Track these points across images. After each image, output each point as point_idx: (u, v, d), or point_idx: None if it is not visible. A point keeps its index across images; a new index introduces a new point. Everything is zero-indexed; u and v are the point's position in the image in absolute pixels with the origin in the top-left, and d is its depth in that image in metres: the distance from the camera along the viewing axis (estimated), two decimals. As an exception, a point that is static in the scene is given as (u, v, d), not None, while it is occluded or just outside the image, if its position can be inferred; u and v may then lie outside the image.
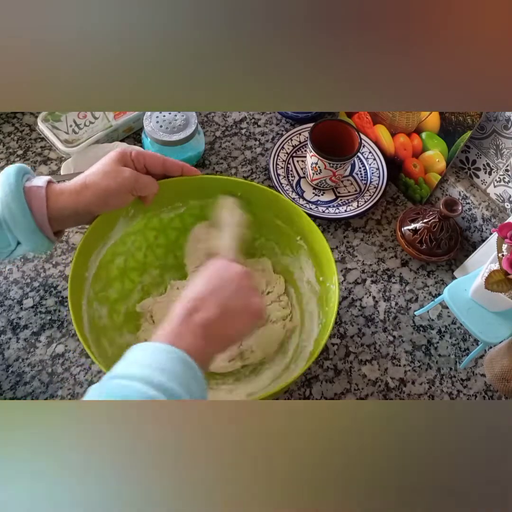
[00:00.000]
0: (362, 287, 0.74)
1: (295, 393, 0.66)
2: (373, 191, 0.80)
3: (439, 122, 0.72)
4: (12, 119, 0.86)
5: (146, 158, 0.59)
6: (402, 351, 0.70)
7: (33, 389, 0.63)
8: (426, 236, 0.73)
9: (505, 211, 0.73)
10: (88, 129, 0.80)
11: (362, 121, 0.85)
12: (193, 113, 0.77)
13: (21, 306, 0.69)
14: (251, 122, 0.89)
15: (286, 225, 0.65)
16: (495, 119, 0.68)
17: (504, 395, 0.67)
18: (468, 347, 0.70)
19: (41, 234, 0.54)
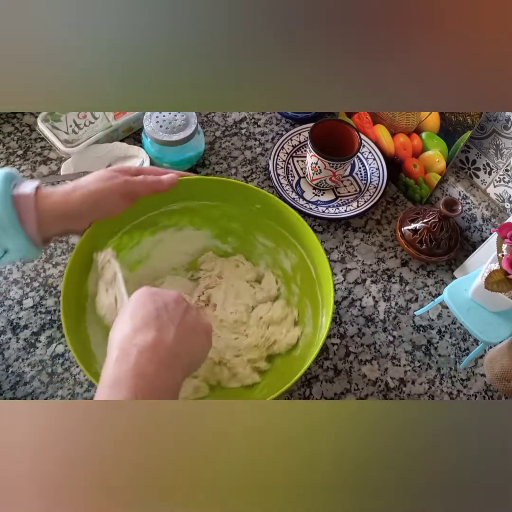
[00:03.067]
0: (362, 287, 0.74)
1: (295, 393, 0.66)
2: (373, 191, 0.80)
3: (439, 122, 0.72)
4: (12, 119, 0.86)
5: (144, 172, 0.59)
6: (402, 351, 0.70)
7: (33, 389, 0.63)
8: (426, 236, 0.73)
9: (505, 211, 0.73)
10: (88, 129, 0.80)
11: (362, 121, 0.85)
12: (193, 113, 0.77)
13: (21, 306, 0.69)
14: (251, 122, 0.89)
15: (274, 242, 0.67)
16: (495, 119, 0.68)
17: (504, 395, 0.67)
18: (468, 347, 0.70)
19: (30, 243, 0.53)
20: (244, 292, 0.68)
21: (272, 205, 0.63)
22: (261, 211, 0.65)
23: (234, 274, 0.69)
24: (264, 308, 0.66)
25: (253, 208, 0.65)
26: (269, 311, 0.66)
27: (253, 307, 0.67)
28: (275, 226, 0.65)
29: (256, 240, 0.69)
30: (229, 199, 0.65)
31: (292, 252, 0.66)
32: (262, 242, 0.69)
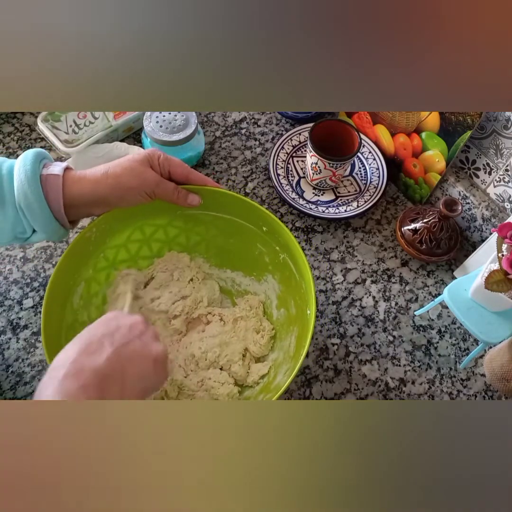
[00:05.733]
0: (362, 287, 0.74)
1: (295, 393, 0.66)
2: (373, 191, 0.80)
3: (439, 122, 0.72)
4: (12, 119, 0.86)
5: (172, 166, 0.58)
6: (402, 351, 0.70)
7: (33, 389, 0.63)
8: (426, 236, 0.73)
9: (505, 211, 0.73)
10: (88, 129, 0.80)
11: (362, 121, 0.85)
12: (193, 113, 0.77)
13: (21, 306, 0.69)
14: (251, 122, 0.89)
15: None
16: (495, 119, 0.68)
17: (504, 395, 0.67)
18: (468, 347, 0.70)
19: (57, 223, 0.53)
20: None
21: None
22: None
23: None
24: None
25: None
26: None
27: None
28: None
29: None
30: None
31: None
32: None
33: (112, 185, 0.54)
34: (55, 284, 0.55)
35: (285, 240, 0.61)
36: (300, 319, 0.61)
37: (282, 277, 0.66)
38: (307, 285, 0.58)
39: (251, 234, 0.65)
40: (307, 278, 0.57)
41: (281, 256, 0.64)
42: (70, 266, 0.58)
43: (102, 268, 0.64)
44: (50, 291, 0.55)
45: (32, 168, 0.51)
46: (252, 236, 0.65)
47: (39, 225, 0.53)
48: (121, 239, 0.64)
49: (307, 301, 0.58)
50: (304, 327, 0.58)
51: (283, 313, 0.66)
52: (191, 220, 0.67)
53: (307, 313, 0.57)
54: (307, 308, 0.58)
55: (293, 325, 0.63)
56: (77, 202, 0.54)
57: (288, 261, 0.63)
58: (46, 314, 0.54)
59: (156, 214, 0.64)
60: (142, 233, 0.66)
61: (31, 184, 0.51)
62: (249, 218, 0.64)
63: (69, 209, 0.54)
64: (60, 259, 0.56)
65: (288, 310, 0.65)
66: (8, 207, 0.52)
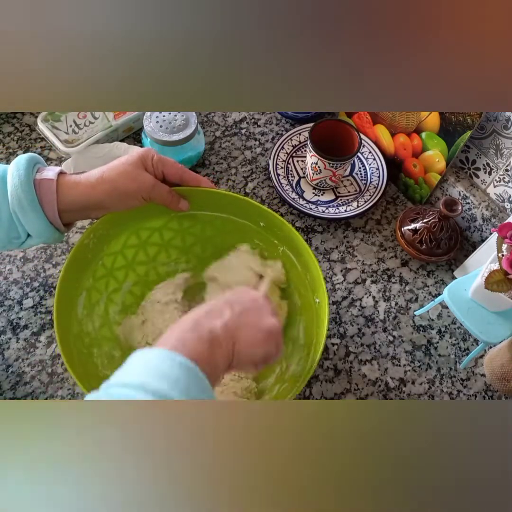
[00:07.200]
0: (362, 287, 0.74)
1: (295, 393, 0.66)
2: (373, 191, 0.80)
3: (439, 122, 0.72)
4: (12, 119, 0.86)
5: (166, 166, 0.58)
6: (402, 351, 0.70)
7: (33, 389, 0.63)
8: (426, 236, 0.73)
9: (505, 211, 0.73)
10: (88, 129, 0.80)
11: (362, 121, 0.85)
12: (193, 113, 0.77)
13: (21, 306, 0.69)
14: (251, 122, 0.89)
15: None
16: (495, 119, 0.68)
17: (504, 395, 0.67)
18: (468, 347, 0.70)
19: (51, 227, 0.53)
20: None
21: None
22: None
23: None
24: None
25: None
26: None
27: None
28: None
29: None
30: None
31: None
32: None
33: (108, 191, 0.54)
34: (61, 295, 0.55)
35: (285, 232, 0.61)
36: (305, 309, 0.63)
37: (283, 269, 0.67)
38: (313, 274, 0.59)
39: (248, 230, 0.66)
40: (313, 268, 0.58)
41: (280, 249, 0.64)
42: (72, 276, 0.58)
43: (101, 276, 0.63)
44: (58, 304, 0.55)
45: (25, 173, 0.51)
46: (249, 233, 0.66)
47: (33, 229, 0.52)
48: (118, 245, 0.64)
49: (315, 290, 0.59)
50: (313, 316, 0.59)
51: (286, 305, 0.67)
52: (186, 221, 0.67)
53: (315, 302, 0.58)
54: (315, 297, 0.59)
55: (299, 315, 0.64)
56: (72, 207, 0.54)
57: (288, 253, 0.63)
58: (59, 326, 0.54)
59: (152, 216, 0.64)
60: (138, 238, 0.66)
61: (24, 188, 0.51)
62: (245, 215, 0.64)
63: (63, 213, 0.53)
64: (62, 269, 0.56)
65: (292, 302, 0.66)
66: (2, 212, 0.52)
